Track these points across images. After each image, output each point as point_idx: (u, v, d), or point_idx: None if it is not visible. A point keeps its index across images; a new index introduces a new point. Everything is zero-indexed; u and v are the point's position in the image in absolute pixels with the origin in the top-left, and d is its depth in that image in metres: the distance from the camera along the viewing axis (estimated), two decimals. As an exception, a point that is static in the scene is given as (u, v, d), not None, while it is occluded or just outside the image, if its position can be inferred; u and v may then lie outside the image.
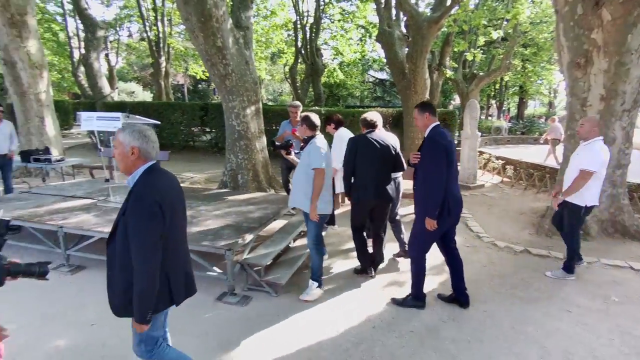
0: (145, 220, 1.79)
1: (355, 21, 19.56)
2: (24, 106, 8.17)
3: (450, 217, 3.20)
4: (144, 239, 1.79)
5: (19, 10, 7.46)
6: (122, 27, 24.32)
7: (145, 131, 1.92)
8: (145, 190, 1.83)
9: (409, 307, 3.44)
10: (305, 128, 3.62)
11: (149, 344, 2.04)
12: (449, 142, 3.13)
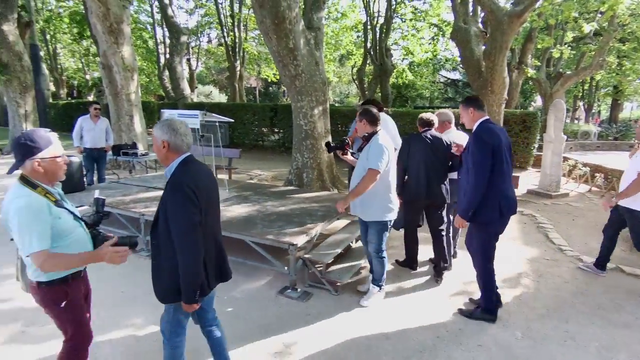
0: (182, 206, 1.87)
1: (428, 19, 18.94)
2: (116, 105, 9.11)
3: (503, 219, 3.03)
4: (184, 223, 1.87)
5: (117, 19, 8.33)
6: (203, 34, 26.13)
7: (174, 124, 1.99)
8: (180, 179, 1.92)
9: (477, 320, 3.21)
10: (365, 123, 3.25)
11: (174, 324, 2.14)
12: (497, 138, 2.88)
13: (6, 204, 1.76)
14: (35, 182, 1.82)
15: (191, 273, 1.90)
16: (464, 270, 4.15)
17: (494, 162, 2.85)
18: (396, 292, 3.68)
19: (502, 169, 2.89)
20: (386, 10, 17.68)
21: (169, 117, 4.80)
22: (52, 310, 1.94)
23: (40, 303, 1.93)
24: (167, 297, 2.02)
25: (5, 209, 1.75)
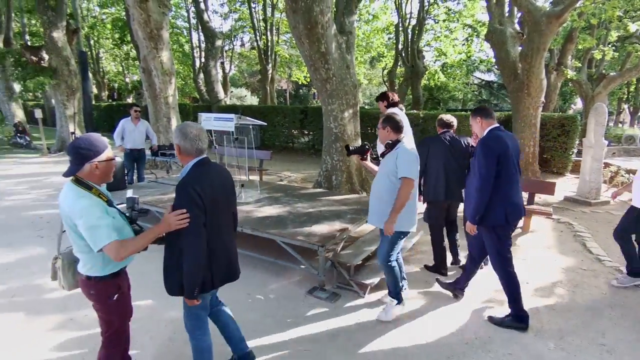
0: (186, 207, 1.97)
1: (462, 20, 18.57)
2: (155, 108, 9.53)
3: (509, 225, 3.09)
4: (188, 225, 1.98)
5: (157, 26, 8.72)
6: (236, 38, 26.74)
7: (185, 129, 2.10)
8: (186, 181, 2.03)
9: (508, 328, 3.16)
10: (389, 131, 3.09)
11: (192, 318, 2.26)
12: (504, 145, 2.97)
13: (69, 204, 1.86)
14: (89, 183, 1.95)
15: (191, 272, 2.01)
16: (495, 278, 4.08)
17: (500, 168, 2.94)
18: (424, 298, 3.67)
19: (509, 176, 2.98)
20: (418, 11, 17.51)
21: (205, 119, 5.01)
22: (104, 303, 2.07)
23: (93, 297, 2.04)
24: (172, 290, 2.14)
25: (69, 208, 1.86)
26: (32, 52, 12.71)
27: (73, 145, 1.94)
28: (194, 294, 2.05)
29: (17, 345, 2.89)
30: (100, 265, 1.99)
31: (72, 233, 1.92)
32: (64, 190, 1.95)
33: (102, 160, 1.96)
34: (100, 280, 2.01)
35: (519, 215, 3.08)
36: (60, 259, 2.12)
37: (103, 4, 22.78)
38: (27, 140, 14.99)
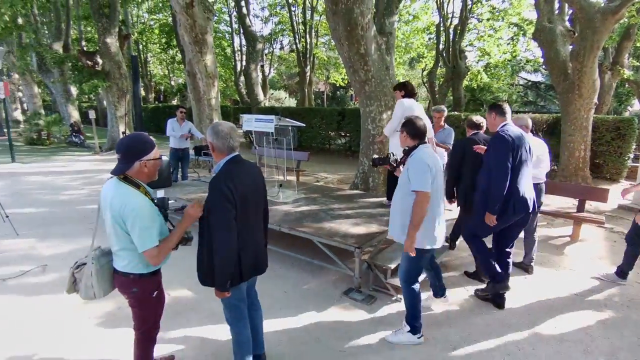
0: (218, 202, 2.05)
1: (508, 19, 17.86)
2: (199, 110, 9.90)
3: (515, 215, 3.20)
4: (219, 219, 2.05)
5: (201, 30, 9.06)
6: (276, 41, 27.24)
7: (217, 127, 2.17)
8: (221, 176, 2.10)
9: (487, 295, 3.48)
10: (406, 135, 2.83)
11: (232, 310, 2.31)
12: (518, 139, 3.14)
13: (121, 201, 1.92)
14: (137, 181, 2.03)
15: (222, 265, 2.08)
16: (542, 288, 3.90)
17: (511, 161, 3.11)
18: (466, 304, 3.57)
19: (516, 169, 3.14)
20: (461, 10, 17.02)
21: (246, 120, 5.14)
22: (144, 300, 2.15)
23: (135, 295, 2.09)
24: (205, 280, 2.22)
25: (120, 205, 1.92)
26: (87, 57, 13.60)
27: (123, 143, 2.00)
28: (226, 286, 2.12)
29: (72, 330, 3.10)
30: (145, 262, 2.04)
31: (119, 229, 1.96)
32: (110, 187, 2.00)
33: (151, 159, 2.03)
34: (142, 277, 2.08)
35: (525, 207, 3.20)
36: (93, 264, 2.08)
37: (152, 10, 23.98)
38: (81, 139, 16.05)
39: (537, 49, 19.24)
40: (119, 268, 2.07)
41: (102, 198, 2.04)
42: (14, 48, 17.61)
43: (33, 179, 9.15)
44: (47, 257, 4.54)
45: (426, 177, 2.64)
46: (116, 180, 2.01)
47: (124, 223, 1.94)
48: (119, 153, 1.99)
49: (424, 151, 2.76)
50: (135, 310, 2.19)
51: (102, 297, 2.13)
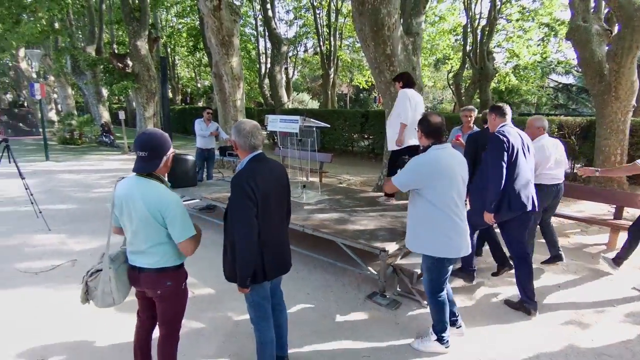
0: (239, 199, 2.06)
1: (538, 19, 17.33)
2: (224, 111, 10.03)
3: (511, 212, 3.25)
4: (240, 215, 2.06)
5: (228, 33, 9.18)
6: (300, 44, 27.39)
7: (240, 126, 2.19)
8: (243, 175, 2.11)
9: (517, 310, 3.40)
10: (420, 134, 2.66)
11: (256, 308, 2.29)
12: (515, 140, 3.21)
13: (158, 195, 1.96)
14: (160, 176, 2.06)
15: (243, 261, 2.09)
16: (577, 298, 3.71)
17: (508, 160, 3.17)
18: (500, 313, 3.43)
19: (512, 168, 3.19)
20: (489, 11, 16.62)
21: (271, 120, 5.15)
22: (179, 292, 2.17)
23: (169, 288, 2.09)
24: (229, 277, 2.23)
25: (159, 199, 1.95)
26: (118, 59, 14.04)
27: (148, 141, 1.98)
28: (246, 282, 2.12)
29: (97, 323, 3.16)
30: (177, 254, 2.08)
31: (155, 225, 1.97)
32: (135, 185, 1.99)
33: (171, 153, 2.09)
34: (175, 269, 2.11)
35: (521, 205, 3.22)
36: (110, 268, 2.06)
37: (180, 14, 24.56)
38: (111, 139, 16.57)
39: (569, 50, 18.61)
40: (149, 265, 2.05)
41: (123, 197, 2.00)
42: (50, 51, 18.39)
43: (65, 177, 9.49)
44: (77, 252, 4.67)
45: (409, 178, 2.60)
46: (137, 178, 2.01)
47: (162, 218, 1.97)
48: (144, 151, 1.97)
49: (433, 153, 2.56)
50: (168, 305, 2.16)
51: (120, 302, 2.11)
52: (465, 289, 3.81)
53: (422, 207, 2.58)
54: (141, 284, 2.10)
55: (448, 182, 2.52)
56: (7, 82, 31.39)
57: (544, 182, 3.96)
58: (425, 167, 2.53)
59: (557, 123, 9.11)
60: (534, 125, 4.07)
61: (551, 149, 3.98)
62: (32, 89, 12.30)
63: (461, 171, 2.60)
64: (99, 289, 2.05)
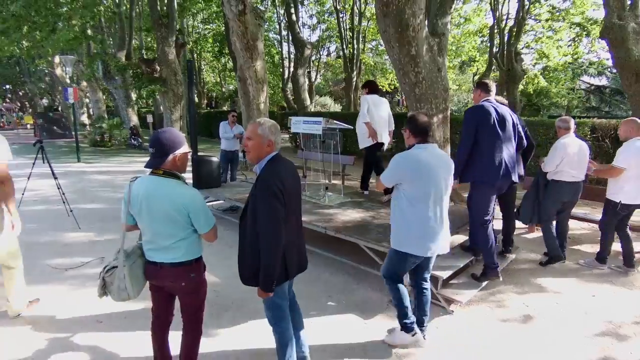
0: (269, 201, 2.00)
1: (569, 18, 16.76)
2: (248, 114, 10.14)
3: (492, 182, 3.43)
4: (270, 217, 2.00)
5: (253, 37, 9.29)
6: (323, 47, 27.52)
7: (278, 126, 2.20)
8: (270, 175, 2.06)
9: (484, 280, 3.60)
10: (409, 134, 2.71)
11: (274, 309, 2.26)
12: (486, 114, 3.40)
13: (180, 192, 2.02)
14: (176, 173, 2.10)
15: (271, 265, 2.03)
16: (613, 309, 3.51)
17: (479, 132, 3.41)
18: (516, 318, 3.29)
19: (491, 140, 3.40)
20: (517, 11, 16.20)
21: (294, 122, 5.15)
22: (201, 282, 2.22)
23: (193, 280, 2.14)
24: (249, 280, 2.16)
25: (181, 195, 2.01)
26: (147, 64, 14.47)
27: (156, 138, 2.05)
28: (272, 287, 2.07)
29: (118, 315, 3.21)
30: (198, 246, 2.16)
31: (179, 220, 2.02)
32: (154, 183, 2.03)
33: (182, 152, 2.09)
34: (197, 261, 2.16)
35: (495, 176, 3.40)
36: (125, 266, 2.10)
37: (206, 20, 25.13)
38: (139, 141, 17.07)
39: (602, 50, 17.91)
40: (172, 260, 2.08)
41: (142, 196, 2.03)
42: (83, 57, 19.15)
43: (95, 178, 9.81)
44: (105, 250, 4.79)
45: (391, 174, 2.66)
46: (154, 177, 2.05)
47: (186, 213, 2.02)
48: (152, 148, 2.04)
49: (414, 152, 2.62)
50: (191, 297, 2.22)
51: (136, 297, 2.14)
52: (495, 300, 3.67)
53: (398, 201, 2.68)
54: (162, 278, 2.13)
55: (425, 182, 2.56)
56: (43, 88, 32.91)
57: (563, 179, 4.21)
58: (404, 164, 2.60)
59: (590, 126, 8.76)
60: (557, 125, 4.41)
61: (574, 148, 4.16)
62: (65, 93, 12.83)
63: (443, 173, 2.62)
64: (114, 285, 2.10)
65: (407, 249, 2.63)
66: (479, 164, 3.46)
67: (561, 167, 4.16)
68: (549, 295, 3.71)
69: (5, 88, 37.37)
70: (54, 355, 2.75)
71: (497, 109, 3.47)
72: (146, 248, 2.15)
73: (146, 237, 2.12)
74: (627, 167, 3.93)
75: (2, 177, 2.85)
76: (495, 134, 3.40)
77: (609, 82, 24.92)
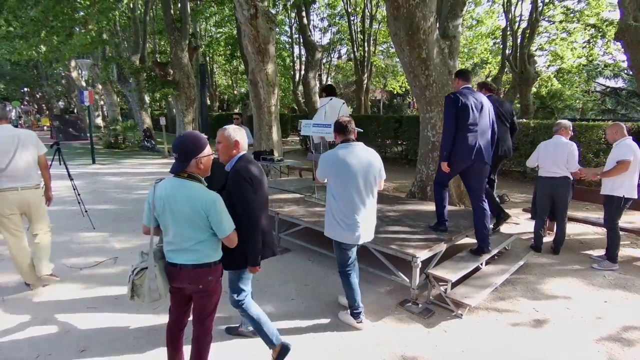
0: (243, 185, 2.31)
1: (584, 20, 16.51)
2: (259, 117, 10.22)
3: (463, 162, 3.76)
4: (247, 199, 2.31)
5: (264, 40, 9.38)
6: (334, 50, 27.58)
7: (243, 130, 2.49)
8: (240, 167, 2.36)
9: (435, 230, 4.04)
10: (335, 135, 3.11)
11: (239, 293, 2.54)
12: (463, 100, 3.69)
13: (201, 195, 2.06)
14: (198, 177, 2.14)
15: (257, 240, 2.36)
16: (621, 316, 3.46)
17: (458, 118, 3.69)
18: (527, 324, 3.26)
19: (463, 125, 3.69)
20: (530, 13, 16.03)
21: (304, 125, 5.19)
22: (218, 285, 2.26)
23: (211, 282, 2.18)
24: (230, 265, 2.42)
25: (202, 198, 2.05)
26: (160, 67, 14.69)
27: (179, 143, 2.10)
28: (259, 261, 2.40)
29: (134, 313, 3.28)
30: (216, 250, 2.20)
31: (200, 223, 2.07)
32: (177, 186, 2.08)
33: (205, 156, 2.14)
34: (216, 264, 2.20)
35: (468, 157, 3.72)
36: (156, 266, 2.14)
37: (218, 24, 25.43)
38: (152, 143, 17.31)
39: (618, 51, 17.58)
40: (191, 262, 2.12)
41: (165, 197, 2.08)
42: (99, 61, 19.54)
43: (109, 179, 10.00)
44: (118, 250, 4.89)
45: (319, 171, 3.04)
46: (177, 179, 2.10)
47: (206, 216, 2.07)
48: (176, 152, 2.09)
49: (336, 151, 2.97)
50: (207, 299, 2.24)
51: (165, 297, 2.18)
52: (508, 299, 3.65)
53: (327, 195, 3.05)
54: (181, 280, 2.16)
55: (347, 178, 2.88)
56: (60, 90, 33.66)
57: (541, 174, 4.79)
58: (326, 162, 2.98)
59: (605, 129, 8.58)
60: (557, 130, 4.79)
61: (549, 147, 4.68)
62: (81, 96, 13.11)
63: (363, 170, 2.91)
64: (145, 286, 2.12)
65: (337, 238, 3.02)
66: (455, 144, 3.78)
67: (540, 163, 4.76)
68: (560, 301, 3.67)
69: (23, 91, 38.35)
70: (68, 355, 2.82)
71: (474, 96, 3.79)
72: (167, 249, 2.19)
73: (167, 238, 2.17)
74: (633, 158, 4.18)
75: (44, 164, 3.81)
76: (470, 118, 3.71)
77: (625, 84, 24.41)
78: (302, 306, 3.50)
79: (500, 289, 3.84)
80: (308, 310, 3.43)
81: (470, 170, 3.84)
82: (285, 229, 4.85)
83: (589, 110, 25.96)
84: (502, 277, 3.82)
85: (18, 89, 38.00)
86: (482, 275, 3.84)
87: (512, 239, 4.60)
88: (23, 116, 35.90)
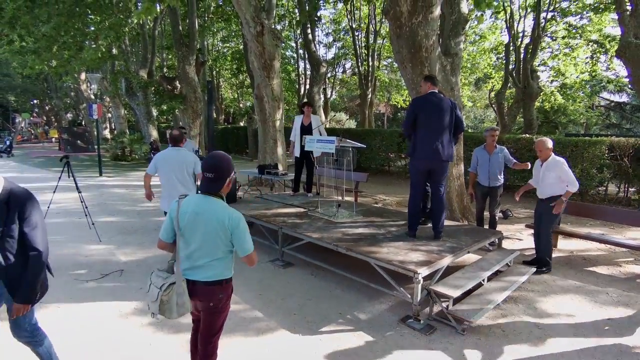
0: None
1: (586, 36, 16.65)
2: (264, 131, 10.36)
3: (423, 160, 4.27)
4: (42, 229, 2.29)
5: (270, 56, 9.58)
6: (339, 65, 27.89)
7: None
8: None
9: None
10: None
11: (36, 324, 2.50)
12: (423, 104, 4.20)
13: (227, 213, 2.11)
14: (222, 195, 2.22)
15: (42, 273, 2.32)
16: (628, 333, 3.45)
17: (418, 118, 4.20)
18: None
19: (425, 126, 4.17)
20: (533, 29, 16.21)
21: (308, 141, 5.28)
22: (227, 303, 2.28)
23: (222, 300, 2.21)
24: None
25: (229, 215, 2.10)
26: (167, 81, 14.97)
27: (215, 163, 2.16)
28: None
29: (137, 328, 3.32)
30: (229, 268, 2.23)
31: (223, 239, 2.13)
32: (204, 202, 2.15)
33: (233, 177, 2.25)
34: (228, 282, 2.24)
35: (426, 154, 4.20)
36: (183, 281, 2.15)
37: (225, 39, 25.88)
38: (158, 156, 17.50)
39: (620, 67, 17.65)
40: (206, 278, 2.17)
41: (191, 213, 2.14)
42: (107, 75, 19.92)
43: (115, 192, 10.12)
44: (124, 262, 4.95)
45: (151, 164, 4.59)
46: (204, 197, 2.17)
47: (230, 233, 2.12)
48: (211, 173, 2.14)
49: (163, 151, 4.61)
50: (215, 317, 2.25)
51: (189, 311, 2.18)
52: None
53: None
54: (194, 296, 2.20)
55: (167, 169, 4.52)
56: (69, 102, 34.23)
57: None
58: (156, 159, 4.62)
59: (608, 144, 8.60)
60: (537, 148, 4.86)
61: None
62: (90, 109, 13.36)
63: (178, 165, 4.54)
64: (172, 302, 2.12)
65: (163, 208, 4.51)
66: (417, 144, 4.23)
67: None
68: (563, 318, 3.67)
69: (33, 102, 39.05)
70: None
71: (438, 100, 4.20)
72: (183, 266, 2.22)
73: (185, 254, 2.20)
74: None
75: None
76: (432, 120, 4.15)
77: (629, 98, 24.43)
78: (304, 321, 3.52)
79: (502, 305, 3.85)
80: (310, 325, 3.45)
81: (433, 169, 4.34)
82: (289, 243, 4.90)
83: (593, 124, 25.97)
84: (504, 294, 3.82)
85: (28, 101, 38.72)
86: (484, 291, 3.85)
87: (514, 255, 4.61)
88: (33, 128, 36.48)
